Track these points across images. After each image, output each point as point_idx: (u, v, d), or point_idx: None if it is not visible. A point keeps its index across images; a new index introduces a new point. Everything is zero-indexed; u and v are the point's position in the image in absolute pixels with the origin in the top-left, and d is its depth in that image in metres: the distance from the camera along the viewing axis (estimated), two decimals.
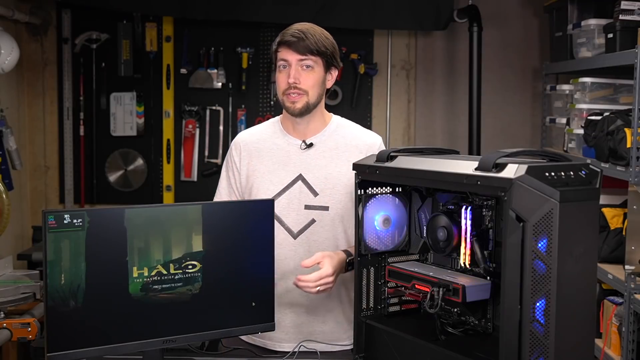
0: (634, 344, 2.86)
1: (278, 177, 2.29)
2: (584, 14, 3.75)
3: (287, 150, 2.31)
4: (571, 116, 3.71)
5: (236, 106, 4.58)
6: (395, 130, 4.62)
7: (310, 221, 2.28)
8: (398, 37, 4.59)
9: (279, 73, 2.25)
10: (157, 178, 4.62)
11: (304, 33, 2.21)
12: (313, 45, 2.20)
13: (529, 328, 1.58)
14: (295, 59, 2.21)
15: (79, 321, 1.89)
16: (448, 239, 1.88)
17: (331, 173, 2.29)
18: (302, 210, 2.27)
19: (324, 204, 2.27)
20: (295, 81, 2.21)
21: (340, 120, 2.39)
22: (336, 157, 2.29)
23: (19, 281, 3.04)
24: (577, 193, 1.61)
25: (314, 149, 2.30)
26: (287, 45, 2.21)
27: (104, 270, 1.90)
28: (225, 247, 2.06)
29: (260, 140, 2.35)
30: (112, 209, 2.01)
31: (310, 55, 2.21)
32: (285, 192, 2.28)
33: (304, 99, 2.23)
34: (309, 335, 2.29)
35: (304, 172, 2.29)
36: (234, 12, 4.28)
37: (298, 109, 2.23)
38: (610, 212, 3.18)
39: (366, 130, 2.39)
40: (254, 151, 2.33)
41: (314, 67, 2.23)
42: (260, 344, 2.33)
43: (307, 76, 2.22)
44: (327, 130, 2.33)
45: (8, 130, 3.94)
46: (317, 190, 2.28)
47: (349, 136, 2.34)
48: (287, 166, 2.30)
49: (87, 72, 4.55)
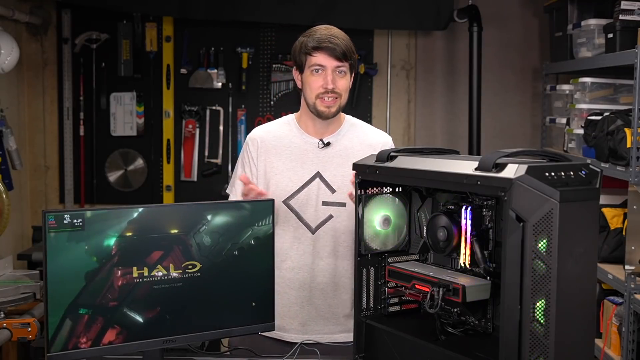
0: (634, 344, 2.86)
1: (296, 175, 2.36)
2: (584, 14, 3.75)
3: (305, 148, 2.38)
4: (571, 116, 3.71)
5: (236, 106, 4.58)
6: (395, 130, 4.62)
7: (327, 217, 2.35)
8: (398, 37, 4.59)
9: (312, 76, 2.32)
10: (157, 178, 4.62)
11: (339, 39, 2.30)
12: (348, 51, 2.31)
13: (529, 328, 1.58)
14: (332, 65, 2.30)
15: (79, 321, 1.89)
16: (448, 239, 1.87)
17: (347, 170, 2.32)
18: (320, 206, 2.35)
19: (342, 200, 2.34)
20: (334, 86, 2.30)
21: (352, 119, 2.49)
22: (352, 155, 2.35)
23: (19, 281, 3.05)
24: (577, 193, 1.61)
25: (330, 147, 2.39)
26: (325, 50, 2.29)
27: (103, 270, 1.91)
28: (226, 247, 2.06)
29: (276, 137, 2.41)
30: (112, 209, 2.01)
31: (344, 61, 2.31)
32: (303, 189, 2.35)
33: (338, 102, 2.34)
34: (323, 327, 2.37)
35: (321, 170, 2.36)
36: (234, 12, 4.28)
37: (333, 112, 2.34)
38: (610, 212, 3.18)
39: (377, 130, 2.51)
40: (272, 148, 2.39)
41: (346, 72, 2.35)
42: (274, 335, 2.36)
43: (342, 81, 2.34)
44: (342, 130, 2.42)
45: (8, 130, 3.94)
46: (334, 187, 2.35)
47: (363, 136, 2.44)
48: (305, 164, 2.37)
49: (87, 72, 4.55)
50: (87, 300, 1.89)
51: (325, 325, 2.38)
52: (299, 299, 2.37)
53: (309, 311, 2.37)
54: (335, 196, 2.35)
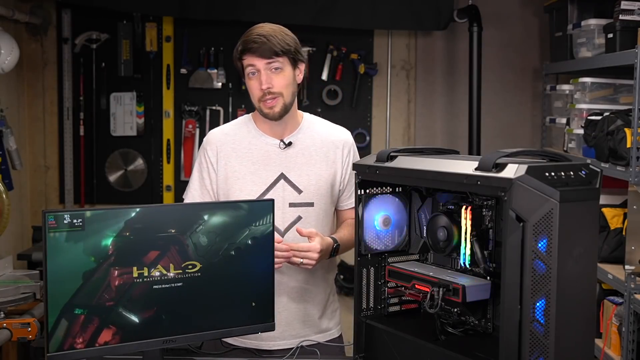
0: (634, 344, 2.86)
1: (260, 178, 2.30)
2: (584, 14, 3.75)
3: (266, 150, 2.32)
4: (571, 116, 3.71)
5: (236, 106, 4.58)
6: (395, 130, 4.62)
7: (296, 218, 2.31)
8: (398, 37, 4.59)
9: (250, 80, 2.25)
10: (157, 178, 4.62)
11: (265, 36, 2.20)
12: (277, 47, 2.20)
13: (529, 328, 1.58)
14: (262, 64, 2.21)
15: (79, 321, 1.89)
16: (448, 239, 1.88)
17: (312, 170, 2.33)
18: (287, 208, 2.30)
19: (309, 200, 2.31)
20: (268, 86, 2.22)
21: (310, 117, 2.42)
22: (315, 154, 2.33)
23: (19, 281, 3.05)
24: (577, 193, 1.61)
25: (292, 147, 2.33)
26: (252, 51, 2.21)
27: (103, 270, 1.90)
28: (225, 247, 2.06)
29: (235, 140, 2.34)
30: (112, 209, 2.01)
31: (276, 57, 2.21)
32: (268, 191, 2.30)
33: (280, 101, 2.24)
34: (300, 330, 2.33)
35: (285, 171, 2.31)
36: (234, 12, 4.28)
37: (277, 112, 2.25)
38: (610, 212, 3.18)
39: (336, 126, 2.44)
40: (231, 152, 2.33)
41: (283, 68, 2.23)
42: (253, 345, 2.31)
43: (278, 78, 2.23)
44: (301, 128, 2.36)
45: (8, 130, 3.94)
46: (300, 187, 2.31)
47: (324, 132, 2.38)
48: (268, 166, 2.31)
49: (87, 72, 4.55)
50: (85, 300, 1.89)
51: (303, 329, 2.33)
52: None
53: (286, 316, 2.31)
54: (302, 197, 2.30)
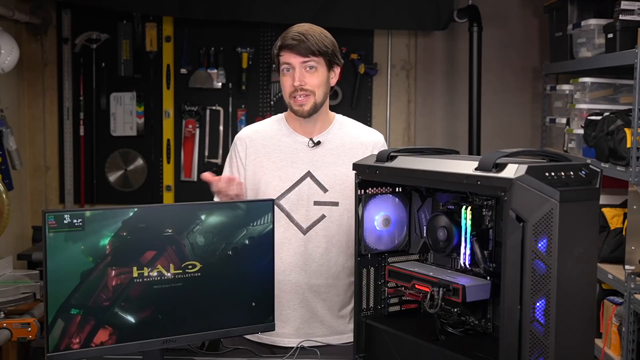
0: (634, 344, 2.86)
1: (287, 174, 2.33)
2: (584, 14, 3.75)
3: (295, 147, 2.35)
4: (571, 116, 3.71)
5: (236, 106, 4.58)
6: (395, 130, 4.62)
7: (320, 217, 2.32)
8: (398, 37, 4.59)
9: (284, 76, 2.29)
10: (157, 178, 4.62)
11: (303, 35, 2.24)
12: (314, 46, 2.23)
13: (529, 328, 1.58)
14: (298, 62, 2.25)
15: (79, 321, 1.89)
16: (448, 239, 1.87)
17: (339, 170, 2.33)
18: (312, 206, 2.31)
19: (334, 199, 2.32)
20: (300, 83, 2.25)
21: (342, 118, 2.44)
22: (343, 154, 2.34)
23: (19, 281, 3.05)
24: (577, 193, 1.61)
25: (321, 146, 2.35)
26: (289, 48, 2.25)
27: (103, 270, 1.90)
28: (225, 247, 2.06)
29: (265, 137, 2.38)
30: (112, 209, 2.01)
31: (312, 56, 2.25)
32: (294, 188, 2.32)
33: (311, 99, 2.27)
34: (317, 329, 2.33)
35: (312, 169, 2.33)
36: (234, 12, 4.28)
37: (307, 110, 2.28)
38: (610, 212, 3.18)
39: (368, 128, 2.46)
40: (261, 147, 2.36)
41: (317, 68, 2.27)
42: (267, 341, 2.34)
43: (312, 77, 2.26)
44: (332, 129, 2.38)
45: (8, 130, 3.94)
46: (326, 186, 2.32)
47: (354, 134, 2.40)
48: (295, 163, 2.33)
49: (87, 72, 4.55)
50: (81, 300, 1.89)
51: (320, 329, 2.34)
52: (291, 302, 2.32)
53: (302, 314, 2.33)
54: (327, 195, 2.32)
